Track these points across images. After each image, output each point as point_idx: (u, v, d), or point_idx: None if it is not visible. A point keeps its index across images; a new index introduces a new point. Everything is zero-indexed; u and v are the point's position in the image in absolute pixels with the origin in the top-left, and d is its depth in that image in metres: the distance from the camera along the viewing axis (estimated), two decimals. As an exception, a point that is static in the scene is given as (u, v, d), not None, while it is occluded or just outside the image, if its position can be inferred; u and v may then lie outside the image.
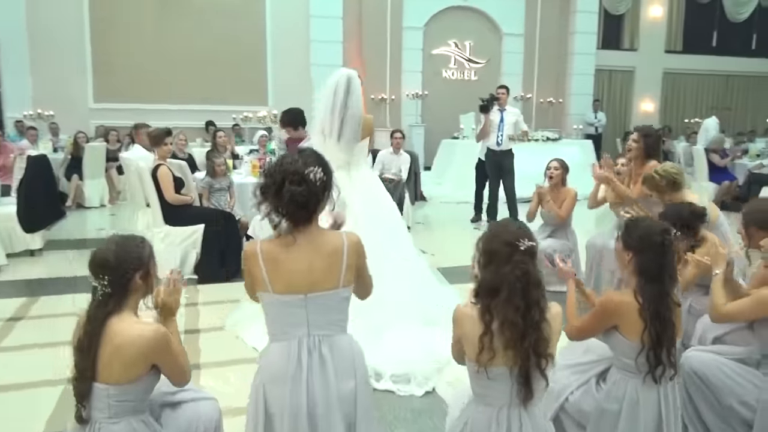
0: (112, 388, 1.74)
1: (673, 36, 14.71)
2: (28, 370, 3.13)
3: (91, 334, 1.73)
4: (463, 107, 12.01)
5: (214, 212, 4.99)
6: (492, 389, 1.76)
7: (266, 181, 1.76)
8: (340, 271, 1.80)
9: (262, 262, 1.78)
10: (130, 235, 1.95)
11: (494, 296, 1.72)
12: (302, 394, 1.73)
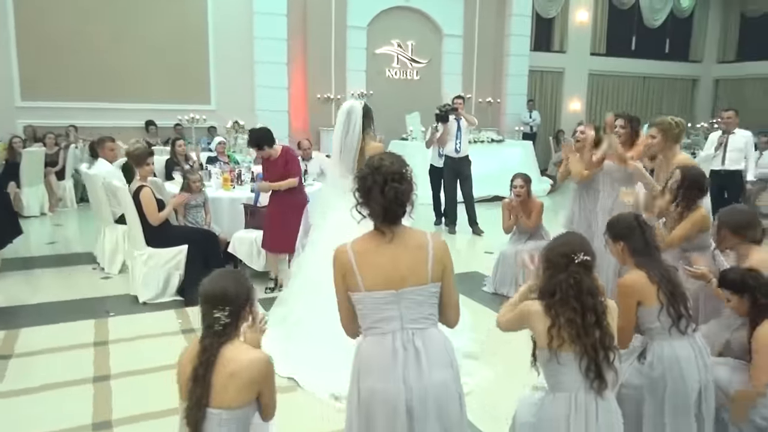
0: (225, 413, 1.83)
1: (598, 39, 15.60)
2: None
3: (207, 363, 1.82)
4: (408, 107, 12.21)
5: (196, 232, 4.89)
6: (563, 375, 1.97)
7: (367, 183, 1.84)
8: (426, 266, 1.86)
9: (353, 260, 1.84)
10: (236, 270, 2.06)
11: (551, 297, 1.99)
12: (399, 386, 1.79)
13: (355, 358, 1.90)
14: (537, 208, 4.98)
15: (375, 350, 1.83)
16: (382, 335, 1.83)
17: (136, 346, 3.88)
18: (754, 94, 16.64)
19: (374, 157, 1.91)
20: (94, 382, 3.33)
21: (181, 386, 1.89)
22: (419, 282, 1.85)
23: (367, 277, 1.82)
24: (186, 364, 1.87)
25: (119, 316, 4.38)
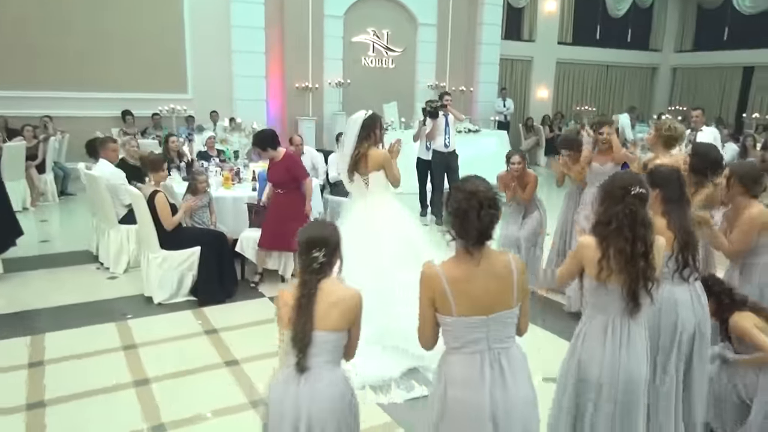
0: (329, 334, 2.07)
1: (565, 28, 16.05)
2: None
3: (309, 295, 2.07)
4: (384, 95, 12.37)
5: (207, 233, 5.01)
6: (607, 301, 2.29)
7: (463, 206, 1.93)
8: (513, 292, 1.99)
9: (447, 287, 1.95)
10: (328, 221, 2.49)
11: (607, 227, 2.26)
12: (485, 400, 1.95)
13: (441, 370, 2.07)
14: (532, 180, 5.23)
15: (463, 367, 2.00)
16: (471, 354, 1.97)
17: (164, 349, 4.02)
18: (709, 82, 17.46)
19: (468, 181, 2.00)
20: (135, 387, 3.47)
21: (282, 318, 2.15)
22: (506, 307, 1.99)
23: (460, 304, 1.94)
24: (289, 300, 2.11)
25: (137, 318, 4.49)
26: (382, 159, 4.02)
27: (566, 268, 2.46)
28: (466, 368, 1.98)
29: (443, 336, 2.05)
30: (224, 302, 4.83)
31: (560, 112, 15.50)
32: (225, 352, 3.94)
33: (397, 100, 12.13)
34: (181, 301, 4.82)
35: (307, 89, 12.11)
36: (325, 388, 2.06)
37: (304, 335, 2.05)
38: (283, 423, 2.07)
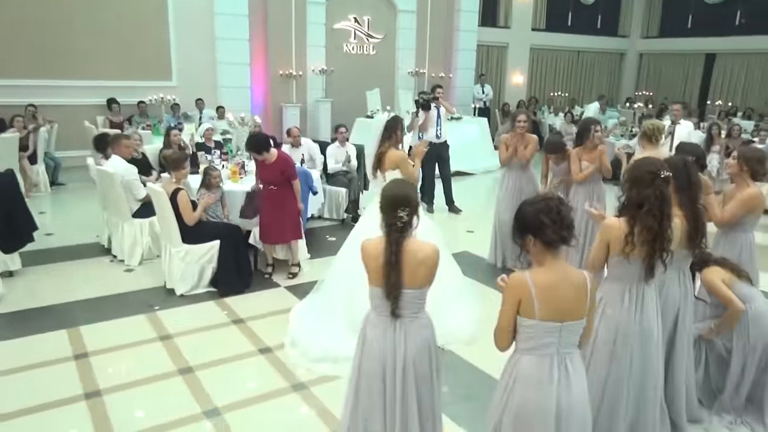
0: (417, 291, 2.43)
1: (538, 15, 16.45)
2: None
3: (397, 253, 2.37)
4: (366, 82, 12.60)
5: (224, 227, 5.25)
6: (627, 272, 2.66)
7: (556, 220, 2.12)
8: (585, 304, 2.17)
9: (533, 292, 2.12)
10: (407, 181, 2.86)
11: (639, 209, 2.58)
12: (552, 400, 2.17)
13: (512, 369, 2.29)
14: (532, 142, 5.64)
15: (534, 368, 2.19)
16: (542, 357, 2.18)
17: (199, 338, 4.28)
18: (673, 68, 18.17)
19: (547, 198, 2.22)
20: (181, 374, 3.75)
21: (369, 272, 2.48)
22: (579, 317, 2.18)
23: (543, 309, 2.12)
24: (375, 256, 2.42)
25: (164, 309, 4.73)
26: (398, 159, 4.32)
27: (595, 254, 2.75)
28: (537, 369, 2.19)
29: (519, 337, 2.24)
30: (243, 292, 5.10)
31: (535, 97, 15.98)
32: (257, 341, 4.24)
33: (378, 86, 12.37)
34: (202, 293, 5.08)
35: (291, 76, 12.23)
36: (416, 331, 2.46)
37: (397, 291, 2.39)
38: (382, 361, 2.45)
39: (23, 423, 3.24)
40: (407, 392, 2.48)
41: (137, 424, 3.25)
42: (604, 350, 2.74)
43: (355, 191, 7.49)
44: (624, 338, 2.71)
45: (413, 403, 2.49)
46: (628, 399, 2.76)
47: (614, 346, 2.72)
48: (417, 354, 2.46)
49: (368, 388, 2.53)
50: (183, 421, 3.29)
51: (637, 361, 2.74)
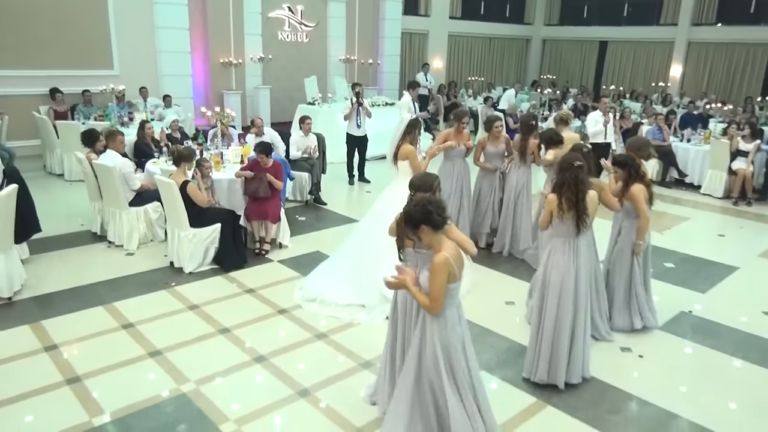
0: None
1: (455, 4, 17.70)
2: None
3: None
4: (301, 69, 13.34)
5: (223, 212, 5.97)
6: (564, 229, 3.85)
7: (437, 208, 2.90)
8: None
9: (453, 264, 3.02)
10: (431, 173, 3.73)
11: (561, 187, 3.82)
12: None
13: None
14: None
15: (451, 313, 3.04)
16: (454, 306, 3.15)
17: (222, 306, 5.05)
18: (571, 54, 20.17)
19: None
20: (221, 334, 4.56)
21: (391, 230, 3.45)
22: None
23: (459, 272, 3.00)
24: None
25: (180, 285, 5.44)
26: (407, 152, 5.30)
27: (543, 218, 3.98)
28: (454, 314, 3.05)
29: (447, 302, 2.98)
30: (242, 267, 5.89)
31: (454, 81, 17.29)
32: (272, 305, 5.09)
33: (312, 73, 13.12)
34: (207, 269, 5.81)
35: (231, 64, 12.67)
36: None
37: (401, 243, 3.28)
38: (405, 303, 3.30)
39: (111, 377, 3.94)
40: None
41: (205, 369, 4.05)
42: (556, 285, 3.91)
43: (317, 175, 8.35)
44: (567, 276, 3.90)
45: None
46: (575, 316, 3.96)
47: (561, 282, 3.90)
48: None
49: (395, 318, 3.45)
50: (238, 366, 4.12)
51: (576, 291, 3.94)
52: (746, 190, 9.02)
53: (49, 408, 3.61)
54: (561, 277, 3.88)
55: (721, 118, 12.03)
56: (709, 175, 9.52)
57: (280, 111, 13.37)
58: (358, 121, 9.41)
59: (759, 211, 8.72)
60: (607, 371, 4.16)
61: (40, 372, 3.98)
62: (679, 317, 5.09)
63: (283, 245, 6.47)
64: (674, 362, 4.42)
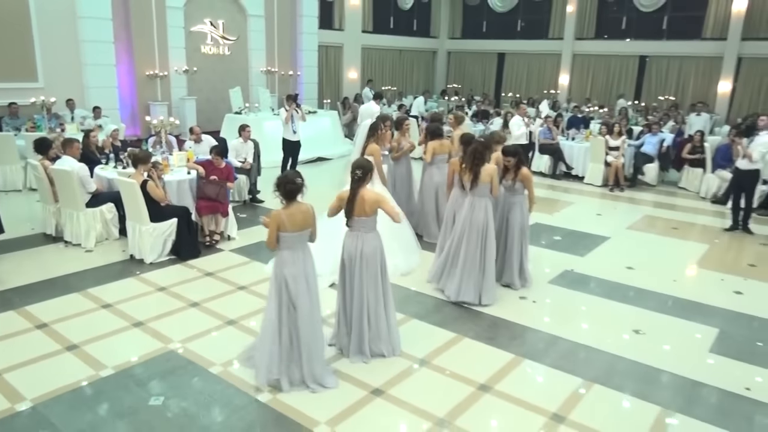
0: (367, 218, 4.29)
1: (366, 19, 18.93)
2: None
3: (354, 194, 4.21)
4: (224, 81, 14.01)
5: (178, 208, 6.68)
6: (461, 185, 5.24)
7: (288, 181, 4.64)
8: (312, 221, 3.97)
9: (285, 218, 4.45)
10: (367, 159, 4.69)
11: (464, 156, 5.23)
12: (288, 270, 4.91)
13: (277, 261, 4.21)
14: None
15: (288, 255, 3.95)
16: (293, 251, 3.97)
17: (190, 286, 5.79)
18: (474, 65, 22.00)
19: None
20: (192, 307, 5.33)
21: (342, 206, 4.29)
22: (307, 228, 3.98)
23: (288, 226, 3.89)
24: (343, 196, 4.29)
25: (145, 273, 6.13)
26: (373, 150, 6.45)
27: (448, 180, 5.43)
28: (290, 256, 3.97)
29: (279, 244, 4.52)
30: (198, 257, 6.64)
31: (368, 91, 18.47)
32: (233, 283, 5.90)
33: (235, 84, 13.84)
34: (166, 260, 6.51)
35: (156, 76, 13.12)
36: (369, 240, 4.35)
37: (353, 216, 4.28)
38: (351, 255, 4.33)
39: (105, 343, 4.63)
40: (363, 275, 4.41)
41: (185, 332, 4.82)
42: (460, 232, 5.25)
43: (254, 177, 9.14)
44: (469, 226, 5.22)
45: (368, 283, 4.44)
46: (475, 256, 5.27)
47: (465, 231, 5.24)
48: (370, 252, 4.41)
49: (343, 274, 4.47)
50: (214, 329, 4.94)
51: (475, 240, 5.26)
52: (619, 178, 10.77)
53: (57, 368, 4.27)
54: (464, 224, 5.31)
55: (599, 120, 13.96)
56: (590, 167, 11.23)
57: (206, 121, 13.91)
58: (294, 127, 10.24)
59: (630, 196, 10.48)
60: (509, 312, 5.36)
61: (38, 344, 4.60)
62: (563, 274, 6.43)
63: (231, 237, 7.25)
64: (559, 304, 5.71)
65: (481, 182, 5.25)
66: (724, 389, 4.23)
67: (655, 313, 5.50)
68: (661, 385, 4.27)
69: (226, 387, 4.09)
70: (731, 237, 8.11)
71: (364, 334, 4.41)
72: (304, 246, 4.03)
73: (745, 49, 16.44)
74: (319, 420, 3.73)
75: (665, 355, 4.70)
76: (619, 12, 18.80)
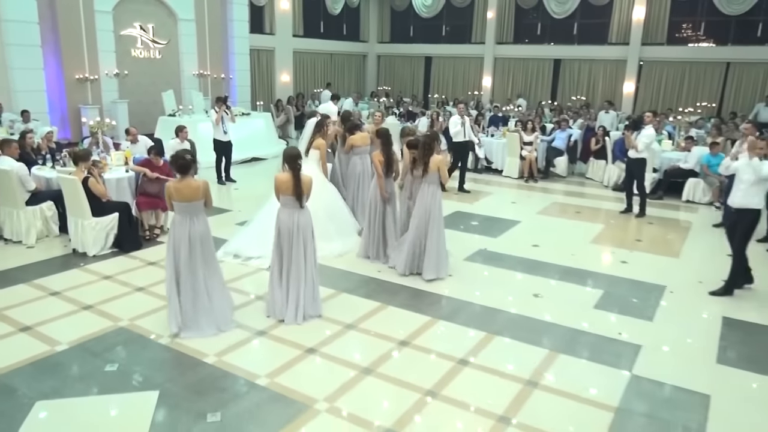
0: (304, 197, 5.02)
1: (297, 23, 19.43)
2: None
3: (296, 178, 4.94)
4: (156, 84, 14.20)
5: (119, 204, 7.03)
6: (416, 173, 6.06)
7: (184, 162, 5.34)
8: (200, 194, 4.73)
9: (173, 189, 5.50)
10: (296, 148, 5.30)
11: (416, 150, 6.01)
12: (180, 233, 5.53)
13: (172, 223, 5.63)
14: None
15: (176, 220, 5.06)
16: (182, 215, 4.85)
17: (135, 274, 6.20)
18: (403, 68, 22.91)
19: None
20: (139, 291, 5.76)
21: (278, 190, 5.00)
22: (195, 199, 4.92)
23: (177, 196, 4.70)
24: (285, 180, 4.94)
25: (89, 264, 6.46)
26: (319, 144, 7.23)
27: (402, 169, 6.19)
28: (178, 221, 5.52)
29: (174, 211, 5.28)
30: (139, 249, 7.01)
31: (301, 93, 18.97)
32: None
33: (168, 87, 14.04)
34: (108, 252, 6.85)
35: (86, 80, 13.15)
36: (304, 215, 5.05)
37: (294, 194, 4.95)
38: (288, 228, 4.98)
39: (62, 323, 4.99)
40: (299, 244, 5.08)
41: (134, 311, 5.25)
42: (413, 213, 6.08)
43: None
44: (419, 207, 6.08)
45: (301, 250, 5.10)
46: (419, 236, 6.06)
47: (415, 212, 6.06)
48: (305, 224, 5.09)
49: (279, 244, 5.10)
50: (164, 306, 5.38)
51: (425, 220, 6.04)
52: (533, 170, 11.82)
53: (14, 346, 4.63)
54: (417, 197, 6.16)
55: (517, 118, 15.09)
56: (507, 161, 12.24)
57: (139, 123, 13.91)
58: (224, 128, 10.68)
59: (543, 186, 11.54)
60: (428, 285, 6.09)
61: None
62: (478, 252, 7.23)
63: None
64: (472, 277, 6.49)
65: (431, 171, 6.03)
66: (602, 335, 5.11)
67: (553, 281, 6.38)
68: (552, 335, 5.10)
69: (175, 354, 4.59)
70: (626, 218, 9.22)
71: (300, 299, 5.08)
72: (192, 214, 4.77)
73: (645, 53, 18.10)
74: (258, 373, 4.30)
75: (557, 312, 5.55)
76: (534, 18, 20.19)
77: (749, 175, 5.62)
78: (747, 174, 5.64)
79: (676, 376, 4.41)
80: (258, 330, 5.00)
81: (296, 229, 5.04)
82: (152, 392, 4.03)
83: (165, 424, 3.72)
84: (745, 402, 4.16)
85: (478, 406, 3.97)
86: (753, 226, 5.78)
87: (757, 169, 5.57)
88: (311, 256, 5.17)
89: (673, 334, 5.17)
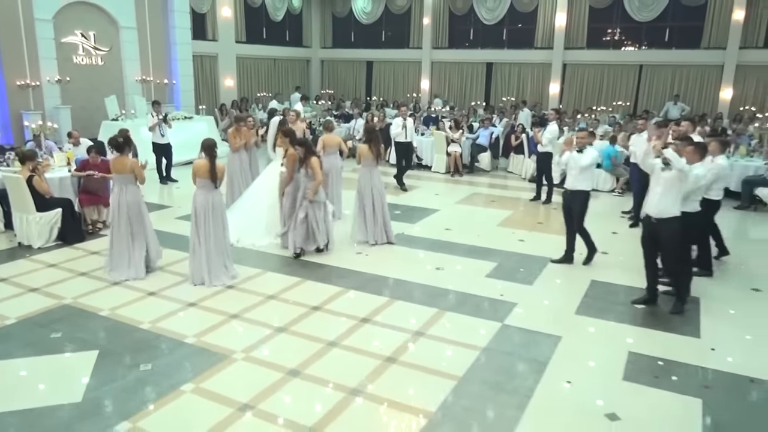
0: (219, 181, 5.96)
1: (240, 30, 20.00)
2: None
3: (212, 164, 5.91)
4: (99, 89, 14.61)
5: (62, 199, 7.61)
6: (368, 162, 7.18)
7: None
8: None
9: (113, 168, 6.13)
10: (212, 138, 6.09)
11: (369, 141, 7.15)
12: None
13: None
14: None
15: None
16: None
17: (78, 263, 6.78)
18: (345, 72, 23.73)
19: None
20: (82, 275, 6.38)
21: (196, 174, 5.90)
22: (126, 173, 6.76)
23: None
24: (200, 167, 5.81)
25: (36, 255, 7.02)
26: (282, 142, 7.79)
27: (360, 154, 7.17)
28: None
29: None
30: (83, 241, 7.60)
31: (245, 97, 19.57)
32: (117, 258, 6.99)
33: (111, 93, 14.46)
34: (53, 245, 7.42)
35: (28, 86, 13.45)
36: (218, 194, 5.92)
37: (210, 177, 5.81)
38: (204, 207, 5.83)
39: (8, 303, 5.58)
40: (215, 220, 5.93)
41: (77, 291, 5.88)
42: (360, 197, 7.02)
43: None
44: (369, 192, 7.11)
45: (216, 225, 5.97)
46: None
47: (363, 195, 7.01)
48: (218, 203, 5.96)
49: (196, 221, 5.94)
50: (106, 287, 6.03)
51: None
52: (458, 166, 12.84)
53: (-33, 322, 5.22)
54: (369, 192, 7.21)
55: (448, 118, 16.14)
56: (435, 158, 13.22)
57: (82, 128, 14.21)
58: (162, 131, 11.32)
59: (468, 180, 12.56)
60: (345, 263, 6.93)
61: (-55, 309, 5.49)
62: (398, 236, 8.09)
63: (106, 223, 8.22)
64: (386, 256, 7.34)
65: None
66: (487, 296, 6.05)
67: (456, 257, 7.32)
68: (445, 298, 6.00)
69: (114, 323, 5.27)
70: (534, 205, 10.29)
71: (213, 267, 6.05)
72: (123, 184, 6.15)
73: (567, 57, 19.49)
74: (186, 334, 5.04)
75: (453, 281, 6.47)
76: (467, 24, 21.37)
77: (574, 164, 6.90)
78: (573, 164, 6.92)
79: (538, 325, 5.38)
80: (190, 302, 5.72)
81: (211, 208, 5.92)
82: (92, 351, 4.72)
83: (103, 373, 4.42)
84: (585, 341, 5.15)
85: (372, 351, 4.82)
86: (585, 204, 6.93)
87: (576, 160, 6.87)
88: (223, 231, 6.11)
89: (546, 295, 6.17)
